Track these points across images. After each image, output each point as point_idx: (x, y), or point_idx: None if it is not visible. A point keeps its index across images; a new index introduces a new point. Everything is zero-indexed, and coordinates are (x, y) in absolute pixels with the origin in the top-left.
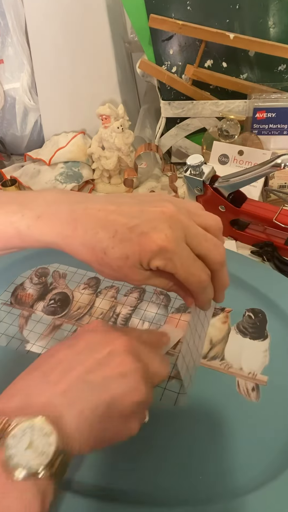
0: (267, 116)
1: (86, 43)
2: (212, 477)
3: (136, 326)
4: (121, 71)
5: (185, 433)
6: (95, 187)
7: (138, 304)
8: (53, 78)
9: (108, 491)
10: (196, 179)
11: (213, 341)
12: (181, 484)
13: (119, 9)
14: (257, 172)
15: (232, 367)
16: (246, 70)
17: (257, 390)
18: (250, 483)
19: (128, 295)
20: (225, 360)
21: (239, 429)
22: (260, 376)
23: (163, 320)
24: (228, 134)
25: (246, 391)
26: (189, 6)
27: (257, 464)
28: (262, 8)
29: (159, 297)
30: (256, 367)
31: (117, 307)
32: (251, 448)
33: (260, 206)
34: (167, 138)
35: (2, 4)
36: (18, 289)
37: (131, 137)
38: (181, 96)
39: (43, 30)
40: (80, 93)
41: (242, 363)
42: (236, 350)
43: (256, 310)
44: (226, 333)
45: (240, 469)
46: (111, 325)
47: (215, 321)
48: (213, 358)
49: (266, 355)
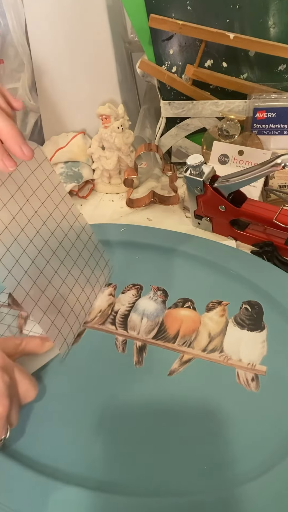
0: (267, 116)
1: (86, 43)
2: (216, 466)
3: (135, 322)
4: (121, 71)
5: (186, 425)
6: (95, 187)
7: (136, 301)
8: (53, 78)
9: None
10: (196, 179)
11: (211, 334)
12: (181, 474)
13: (119, 9)
14: (257, 172)
15: (231, 358)
16: (246, 70)
17: (257, 380)
18: (251, 472)
19: (125, 292)
20: (224, 352)
21: (240, 419)
22: (259, 366)
23: (162, 315)
24: (228, 134)
25: (246, 382)
26: (189, 6)
27: (258, 453)
28: (262, 8)
29: (157, 293)
30: (254, 358)
31: (116, 305)
32: (252, 437)
33: (260, 206)
34: (167, 138)
35: (2, 4)
36: None
37: (131, 137)
38: (181, 96)
39: (43, 30)
40: (80, 93)
41: (241, 355)
42: (235, 342)
43: (252, 302)
44: (224, 326)
45: (241, 458)
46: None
47: (213, 314)
48: (212, 351)
49: (264, 345)
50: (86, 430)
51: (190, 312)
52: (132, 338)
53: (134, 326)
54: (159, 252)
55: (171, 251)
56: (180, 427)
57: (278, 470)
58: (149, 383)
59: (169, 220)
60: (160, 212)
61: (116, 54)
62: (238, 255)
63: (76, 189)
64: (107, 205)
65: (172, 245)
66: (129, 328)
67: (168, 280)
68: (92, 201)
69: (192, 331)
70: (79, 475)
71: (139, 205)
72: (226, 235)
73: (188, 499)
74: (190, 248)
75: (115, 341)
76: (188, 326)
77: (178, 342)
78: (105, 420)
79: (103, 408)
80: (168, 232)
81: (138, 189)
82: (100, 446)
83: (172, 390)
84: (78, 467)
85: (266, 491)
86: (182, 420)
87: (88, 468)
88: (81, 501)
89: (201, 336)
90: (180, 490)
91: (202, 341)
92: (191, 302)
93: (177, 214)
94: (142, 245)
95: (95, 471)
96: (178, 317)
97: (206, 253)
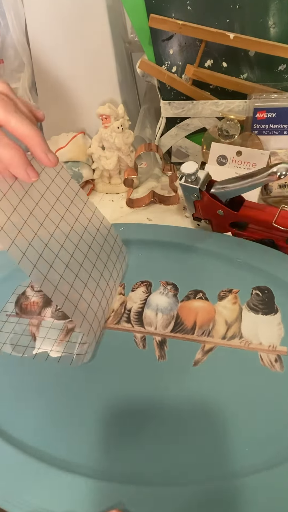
0: (267, 116)
1: (86, 43)
2: (254, 447)
3: (151, 318)
4: (121, 71)
5: (219, 413)
6: (95, 187)
7: (147, 297)
8: (53, 78)
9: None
10: (192, 187)
11: (228, 322)
12: (205, 460)
13: (119, 9)
14: (253, 180)
15: (252, 343)
16: (246, 70)
17: (280, 360)
18: (279, 455)
19: (135, 289)
20: (244, 338)
21: (268, 399)
22: (280, 347)
23: (176, 309)
24: (228, 134)
25: (270, 363)
26: (189, 6)
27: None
28: (262, 8)
29: (167, 287)
30: (274, 340)
31: (127, 303)
32: (283, 416)
33: (258, 208)
34: (167, 138)
35: (2, 4)
36: (21, 299)
37: (131, 137)
38: (181, 96)
39: (43, 30)
40: (80, 93)
41: (261, 338)
42: (252, 327)
43: (261, 287)
44: (238, 312)
45: (277, 438)
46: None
47: (226, 302)
48: (232, 338)
49: (280, 327)
50: (115, 429)
51: (203, 302)
52: (151, 333)
53: (150, 322)
54: (162, 247)
55: (174, 246)
56: (210, 414)
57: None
58: (176, 376)
59: (169, 220)
60: (160, 212)
61: (116, 54)
62: (243, 244)
63: None
64: (107, 205)
65: (174, 240)
66: (145, 324)
67: (175, 274)
68: (92, 201)
69: (208, 321)
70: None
71: (139, 205)
72: None
73: (216, 484)
74: (193, 241)
75: (134, 338)
76: (204, 316)
77: (197, 332)
78: (136, 417)
79: (131, 403)
80: (168, 227)
81: (138, 189)
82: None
83: (200, 380)
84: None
85: None
86: (215, 408)
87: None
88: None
89: (219, 324)
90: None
91: (221, 330)
92: (202, 293)
93: (177, 214)
94: (143, 242)
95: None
96: (193, 308)
97: (210, 244)
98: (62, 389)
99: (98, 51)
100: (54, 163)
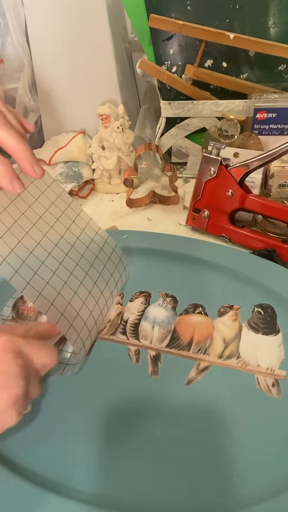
0: (267, 117)
1: (86, 43)
2: (243, 477)
3: (147, 331)
4: (121, 71)
5: (209, 436)
6: (95, 187)
7: (145, 309)
8: (53, 78)
9: (106, 498)
10: (214, 158)
11: (226, 340)
12: (210, 484)
13: (119, 9)
14: (274, 151)
15: (250, 364)
16: (246, 70)
17: (278, 385)
18: (278, 484)
19: (133, 300)
20: (241, 358)
21: (265, 426)
22: (279, 371)
23: (173, 322)
24: (228, 134)
25: (267, 388)
26: (189, 6)
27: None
28: (262, 8)
29: (166, 299)
30: (273, 362)
31: (125, 314)
32: (278, 445)
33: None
34: (167, 138)
35: (2, 4)
36: (19, 303)
37: (131, 137)
38: (181, 96)
39: (43, 30)
40: (80, 93)
41: (259, 360)
42: (251, 347)
43: (264, 305)
44: (238, 330)
45: (269, 467)
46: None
47: (226, 319)
48: (229, 357)
49: (281, 349)
50: (102, 444)
51: (202, 317)
52: (145, 347)
53: (146, 335)
54: (164, 257)
55: (176, 256)
56: (203, 438)
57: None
58: (167, 394)
59: (169, 220)
60: (160, 212)
61: (116, 54)
62: (245, 257)
63: (76, 189)
64: (107, 205)
65: (177, 250)
66: (141, 337)
67: (176, 286)
68: (92, 201)
69: (206, 337)
70: (73, 488)
71: (139, 205)
72: (219, 234)
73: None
74: (196, 252)
75: (128, 351)
76: (201, 333)
77: (192, 349)
78: (123, 434)
79: (120, 422)
80: (172, 236)
81: (138, 189)
82: (98, 459)
83: (191, 400)
84: (72, 480)
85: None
86: (205, 431)
87: (83, 481)
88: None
89: (216, 342)
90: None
91: (218, 347)
92: (202, 308)
93: (177, 214)
94: (146, 251)
95: (91, 485)
96: (191, 323)
97: (212, 256)
98: (48, 401)
99: (98, 51)
100: (40, 175)
